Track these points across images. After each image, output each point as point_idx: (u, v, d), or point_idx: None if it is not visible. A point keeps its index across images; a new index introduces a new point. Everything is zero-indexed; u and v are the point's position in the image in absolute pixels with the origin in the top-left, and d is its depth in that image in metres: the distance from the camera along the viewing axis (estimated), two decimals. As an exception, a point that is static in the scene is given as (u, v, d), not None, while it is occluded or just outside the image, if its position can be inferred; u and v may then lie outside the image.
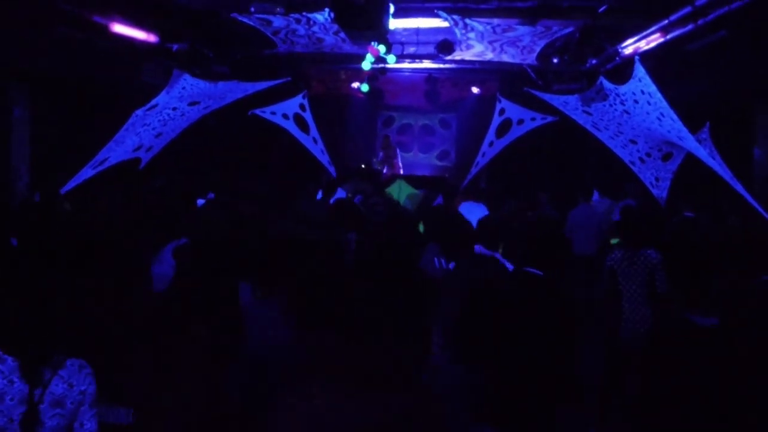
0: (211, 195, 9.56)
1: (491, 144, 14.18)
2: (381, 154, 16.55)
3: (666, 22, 8.14)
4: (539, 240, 4.35)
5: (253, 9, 8.88)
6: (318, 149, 13.92)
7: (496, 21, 9.05)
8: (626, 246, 6.41)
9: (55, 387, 3.00)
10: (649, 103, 7.84)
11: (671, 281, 6.01)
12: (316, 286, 3.98)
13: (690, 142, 7.82)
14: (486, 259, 5.57)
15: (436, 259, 5.98)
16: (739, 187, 7.41)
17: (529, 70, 12.08)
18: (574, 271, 9.71)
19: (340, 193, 10.19)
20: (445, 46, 11.01)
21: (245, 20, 9.13)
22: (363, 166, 15.78)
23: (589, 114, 9.98)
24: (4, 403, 2.88)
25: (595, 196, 10.84)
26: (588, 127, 10.44)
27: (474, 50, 10.61)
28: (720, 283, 4.95)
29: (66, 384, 3.03)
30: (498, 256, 5.70)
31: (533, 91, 11.22)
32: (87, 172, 8.55)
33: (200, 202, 8.80)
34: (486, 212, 8.90)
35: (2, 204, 8.54)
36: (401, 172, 16.16)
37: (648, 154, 9.84)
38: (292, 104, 13.23)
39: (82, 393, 3.07)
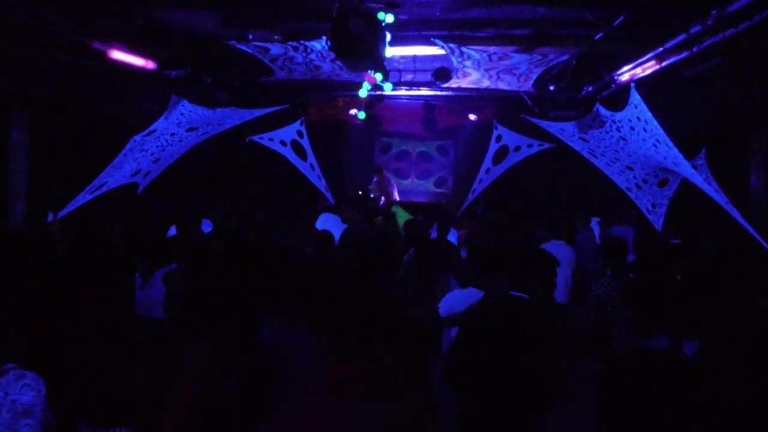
0: (206, 221, 9.58)
1: (488, 171, 14.24)
2: (375, 181, 16.60)
3: (661, 49, 8.19)
4: (525, 264, 4.42)
5: (251, 37, 8.95)
6: (315, 175, 13.97)
7: (492, 49, 9.12)
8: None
9: None
10: (645, 130, 7.87)
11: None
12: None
13: (686, 169, 7.84)
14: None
15: None
16: (735, 213, 7.42)
17: (525, 97, 12.15)
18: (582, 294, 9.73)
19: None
20: (441, 73, 11.06)
21: (243, 48, 9.20)
22: (360, 192, 15.80)
23: (586, 141, 10.01)
24: None
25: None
26: (585, 153, 10.46)
27: (471, 78, 10.68)
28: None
29: (2, 392, 3.14)
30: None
31: (530, 118, 11.27)
32: (84, 197, 8.55)
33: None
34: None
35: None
36: (397, 199, 16.18)
37: (645, 181, 9.86)
38: (290, 131, 13.29)
39: (14, 402, 3.15)
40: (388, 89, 11.53)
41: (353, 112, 15.69)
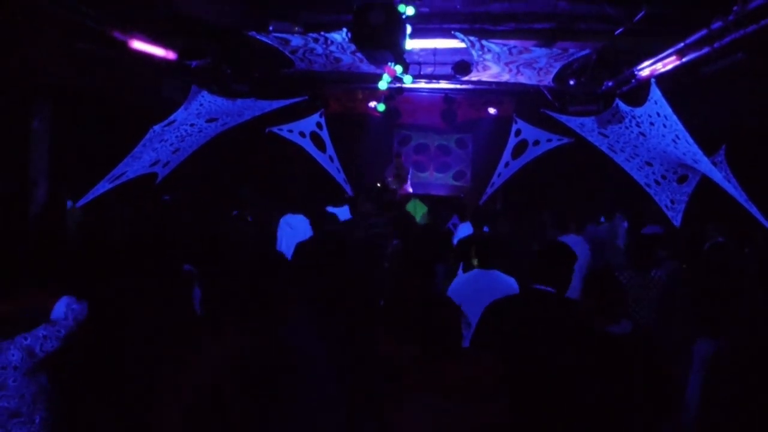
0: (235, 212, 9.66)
1: (507, 165, 14.22)
2: (391, 172, 16.59)
3: (682, 44, 8.14)
4: (550, 257, 4.37)
5: (271, 28, 8.96)
6: (334, 167, 13.99)
7: (512, 43, 9.10)
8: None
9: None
10: (664, 126, 7.83)
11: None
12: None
13: (705, 165, 7.80)
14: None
15: None
16: (755, 210, 7.38)
17: (545, 91, 12.11)
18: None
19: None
20: (461, 67, 11.04)
21: (263, 39, 9.21)
22: (378, 184, 15.81)
23: (605, 136, 9.97)
24: None
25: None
26: (604, 149, 10.43)
27: (490, 71, 10.65)
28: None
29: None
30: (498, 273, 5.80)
31: (549, 113, 11.24)
32: (104, 186, 8.62)
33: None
34: (471, 230, 8.93)
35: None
36: (410, 191, 16.16)
37: (663, 177, 9.81)
38: (309, 122, 13.32)
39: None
40: (407, 82, 11.52)
41: (372, 104, 15.70)
